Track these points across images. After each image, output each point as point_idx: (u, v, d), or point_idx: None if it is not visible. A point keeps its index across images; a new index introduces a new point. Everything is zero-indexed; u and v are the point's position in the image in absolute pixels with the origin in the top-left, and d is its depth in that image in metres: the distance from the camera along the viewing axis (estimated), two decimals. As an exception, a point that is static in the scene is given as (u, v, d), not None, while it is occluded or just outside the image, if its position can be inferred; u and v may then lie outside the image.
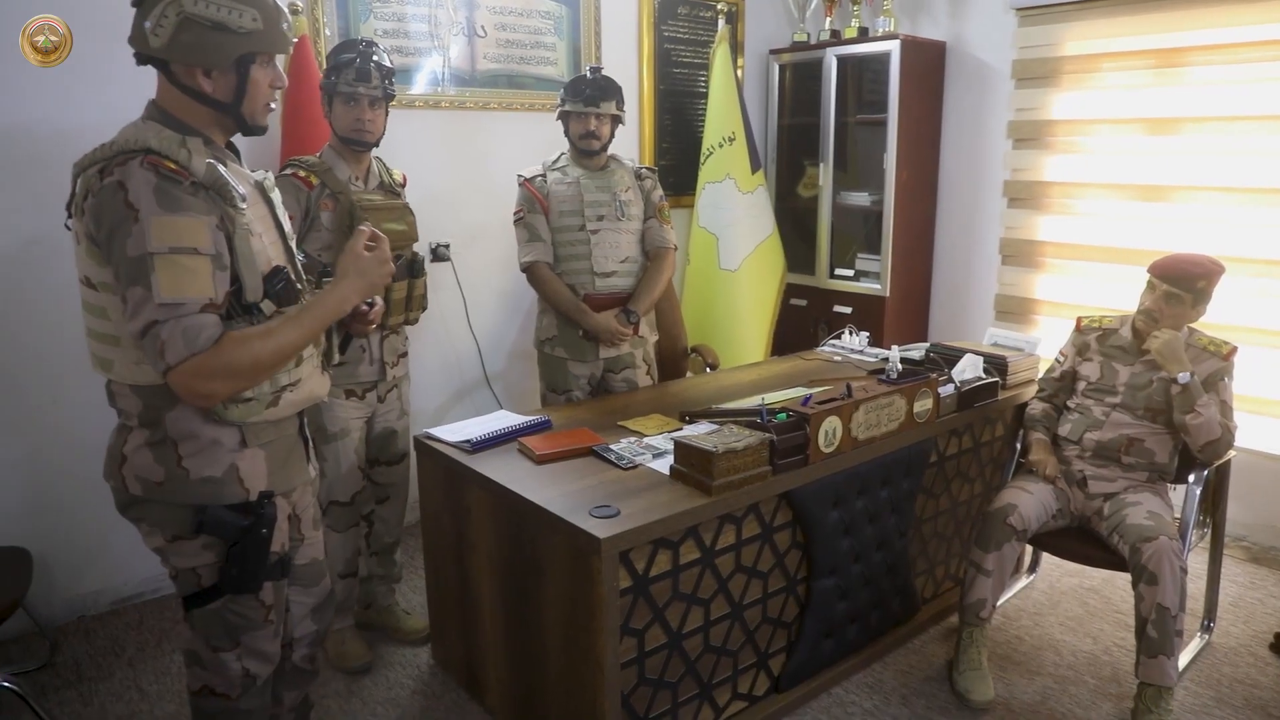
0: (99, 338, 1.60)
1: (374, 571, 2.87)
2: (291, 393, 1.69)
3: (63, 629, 2.93)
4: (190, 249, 1.48)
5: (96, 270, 1.54)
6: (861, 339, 3.46)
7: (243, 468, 1.65)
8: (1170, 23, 3.53)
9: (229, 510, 1.64)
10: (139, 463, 1.62)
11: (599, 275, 2.98)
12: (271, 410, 1.65)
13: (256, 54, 1.60)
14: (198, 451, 1.61)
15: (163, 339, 1.46)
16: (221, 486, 1.63)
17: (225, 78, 1.59)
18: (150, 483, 1.61)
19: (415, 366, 3.55)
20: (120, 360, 1.58)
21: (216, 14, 1.52)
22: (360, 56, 2.51)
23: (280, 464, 1.73)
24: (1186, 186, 3.58)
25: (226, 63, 1.57)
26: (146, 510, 1.65)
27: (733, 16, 4.40)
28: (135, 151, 1.50)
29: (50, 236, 2.76)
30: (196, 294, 1.48)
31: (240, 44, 1.56)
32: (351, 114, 2.52)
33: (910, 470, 2.60)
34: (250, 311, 1.59)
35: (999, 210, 4.16)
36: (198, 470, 1.61)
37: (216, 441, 1.62)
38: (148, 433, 1.61)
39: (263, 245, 1.64)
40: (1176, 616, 2.33)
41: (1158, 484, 2.64)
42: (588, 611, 1.95)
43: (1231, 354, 2.58)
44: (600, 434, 2.45)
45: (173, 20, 1.51)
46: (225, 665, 1.74)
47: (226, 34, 1.54)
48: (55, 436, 2.88)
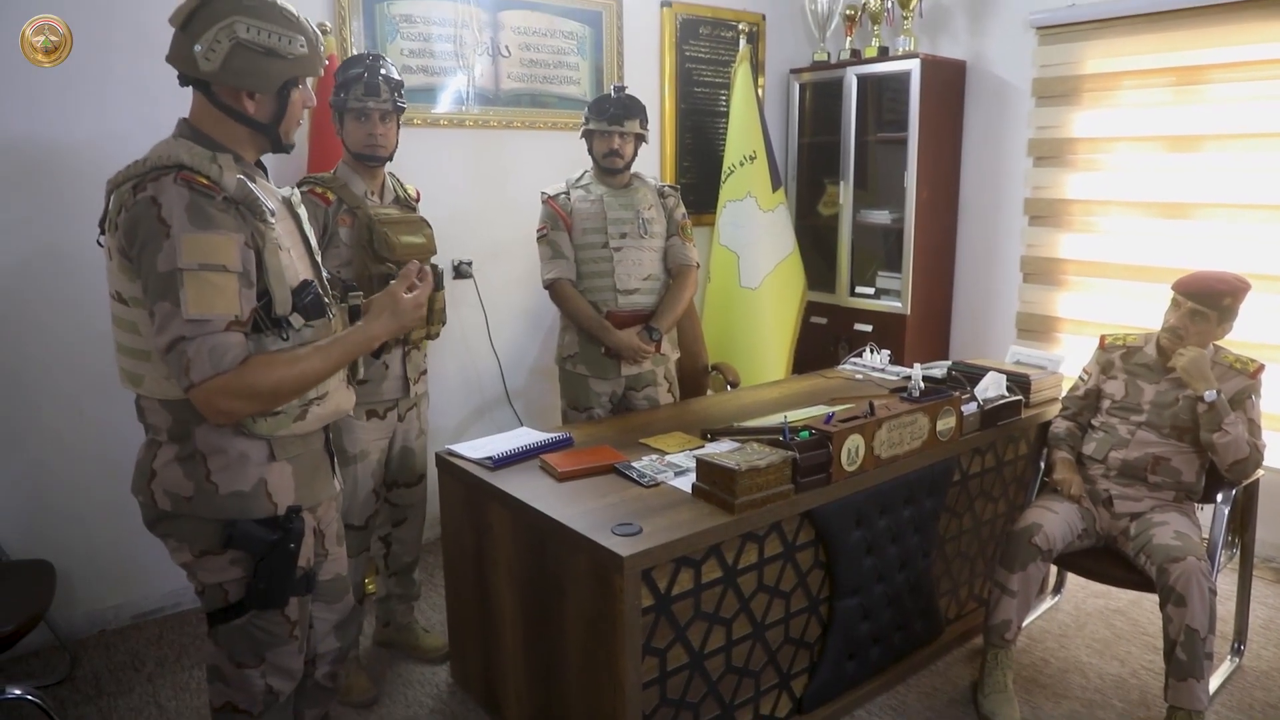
0: (129, 353, 1.61)
1: (392, 591, 2.87)
2: (319, 406, 1.70)
3: (83, 643, 2.95)
4: (220, 266, 1.49)
5: (128, 285, 1.56)
6: (883, 357, 3.45)
7: (271, 481, 1.66)
8: (1189, 41, 3.52)
9: (258, 525, 1.65)
10: (168, 477, 1.63)
11: (621, 292, 2.99)
12: (299, 424, 1.67)
13: (299, 78, 1.64)
14: (226, 466, 1.62)
15: (189, 356, 1.47)
16: (250, 500, 1.64)
17: (268, 100, 1.63)
18: (180, 497, 1.62)
19: (436, 383, 3.57)
20: (150, 375, 1.60)
21: (269, 40, 1.57)
22: (368, 70, 2.48)
23: (307, 478, 1.74)
24: (1208, 204, 3.56)
25: (275, 87, 1.61)
26: (175, 526, 1.66)
27: (753, 36, 4.42)
28: (169, 168, 1.52)
29: (62, 249, 2.80)
30: (224, 311, 1.50)
31: (289, 69, 1.61)
32: (363, 129, 2.51)
33: (933, 489, 2.59)
34: (279, 324, 1.60)
35: (1020, 228, 4.15)
36: (227, 485, 1.62)
37: (245, 455, 1.63)
38: (177, 448, 1.62)
39: (291, 260, 1.66)
40: (1206, 639, 2.29)
41: (1185, 503, 2.60)
42: (609, 630, 1.94)
43: (1259, 372, 2.55)
44: (622, 451, 2.45)
45: (225, 46, 1.55)
46: (249, 681, 1.74)
47: (276, 59, 1.59)
48: (77, 451, 2.91)
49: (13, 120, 2.69)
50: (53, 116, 2.74)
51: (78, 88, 2.76)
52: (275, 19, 1.58)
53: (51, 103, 2.74)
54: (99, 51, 2.76)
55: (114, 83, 2.80)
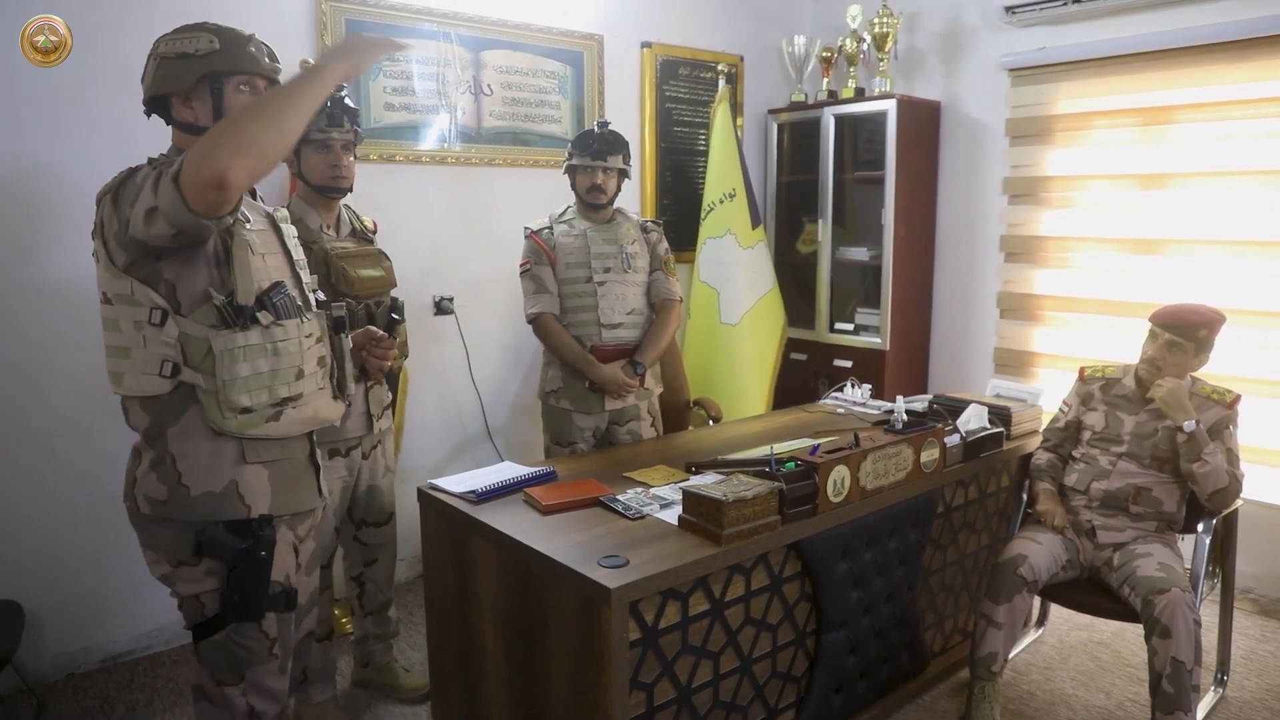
0: (113, 352, 1.69)
1: (369, 630, 2.81)
2: (294, 409, 1.74)
3: (51, 687, 2.86)
4: None
5: (112, 282, 1.65)
6: (864, 391, 3.47)
7: (243, 483, 1.71)
8: (1156, 82, 3.62)
9: (227, 531, 1.69)
10: (146, 483, 1.70)
11: (605, 327, 2.99)
12: (272, 425, 1.71)
13: (222, 74, 1.70)
14: (196, 468, 1.68)
15: (164, 171, 1.53)
16: (221, 501, 1.69)
17: (201, 101, 1.72)
18: (157, 501, 1.69)
19: (416, 419, 3.55)
20: (130, 372, 1.68)
21: (179, 47, 1.70)
22: (331, 101, 2.45)
23: (287, 486, 1.77)
24: (1179, 240, 3.64)
25: (191, 82, 1.70)
26: (153, 533, 1.72)
27: (732, 77, 4.49)
28: None
29: (33, 286, 2.77)
30: None
31: (201, 65, 1.69)
32: (326, 160, 2.48)
33: (918, 521, 2.59)
34: (243, 315, 1.67)
35: (996, 264, 4.21)
36: (198, 486, 1.68)
37: (215, 455, 1.68)
38: (152, 452, 1.69)
39: (264, 265, 1.73)
40: (1192, 671, 2.29)
41: (1167, 534, 2.62)
42: (597, 665, 1.91)
43: (1235, 402, 2.58)
44: (606, 485, 2.43)
45: (153, 65, 1.73)
46: (231, 701, 1.76)
47: (187, 59, 1.70)
48: (46, 492, 2.85)
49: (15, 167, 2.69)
50: (24, 154, 2.72)
51: (59, 124, 2.76)
52: (185, 30, 1.72)
53: (32, 137, 2.72)
54: (82, 88, 2.76)
55: (96, 122, 2.80)
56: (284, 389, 1.72)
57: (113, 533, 1.90)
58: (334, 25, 3.20)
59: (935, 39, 4.30)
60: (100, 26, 2.77)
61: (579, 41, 3.90)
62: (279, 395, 1.71)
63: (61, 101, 2.75)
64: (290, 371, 1.73)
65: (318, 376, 1.81)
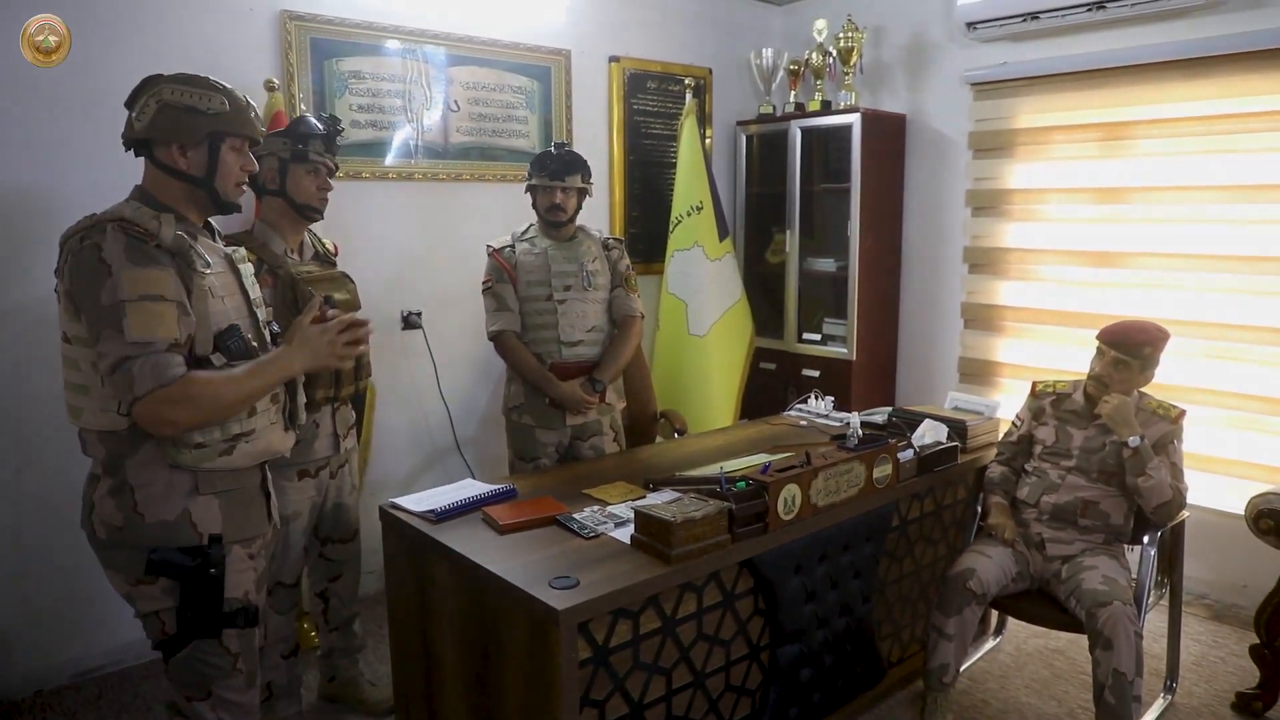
0: (73, 388, 1.75)
1: (335, 645, 2.84)
2: (247, 443, 1.81)
3: (17, 704, 2.87)
4: (158, 296, 1.65)
5: (71, 325, 1.71)
6: (827, 403, 3.52)
7: (195, 513, 1.77)
8: (1115, 99, 3.69)
9: (178, 551, 1.75)
10: (104, 509, 1.76)
11: (565, 344, 3.04)
12: (225, 459, 1.78)
13: (225, 134, 1.79)
14: (152, 497, 1.74)
15: (133, 373, 1.61)
16: (174, 529, 1.75)
17: (198, 154, 1.78)
18: (113, 527, 1.75)
19: (384, 433, 3.58)
20: (89, 408, 1.73)
21: (188, 99, 1.77)
22: (329, 126, 2.57)
23: (237, 514, 1.83)
24: (1136, 253, 3.71)
25: (198, 138, 1.76)
26: (111, 556, 1.78)
27: (700, 90, 4.54)
28: (111, 220, 1.69)
29: (11, 302, 2.80)
30: (164, 335, 1.65)
31: (209, 124, 1.78)
32: (315, 183, 2.53)
33: (872, 534, 2.64)
34: (201, 363, 1.73)
35: (960, 275, 4.28)
36: (152, 514, 1.74)
37: (170, 486, 1.75)
38: (110, 480, 1.75)
39: (224, 307, 1.80)
40: (1134, 682, 2.35)
41: (1114, 546, 2.68)
42: (547, 683, 1.95)
43: (1180, 417, 2.65)
44: (564, 503, 2.47)
45: (153, 107, 1.76)
46: (201, 716, 1.84)
47: (197, 115, 1.77)
48: (15, 508, 2.87)
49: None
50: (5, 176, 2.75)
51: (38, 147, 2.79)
52: (196, 84, 1.78)
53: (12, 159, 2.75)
54: (60, 113, 2.79)
55: (70, 145, 2.82)
56: (236, 426, 1.78)
57: (81, 549, 1.92)
58: (299, 43, 3.23)
59: (900, 53, 4.36)
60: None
61: (546, 56, 3.93)
62: (231, 432, 1.77)
63: (54, 113, 2.77)
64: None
65: (270, 412, 1.87)
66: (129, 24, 2.89)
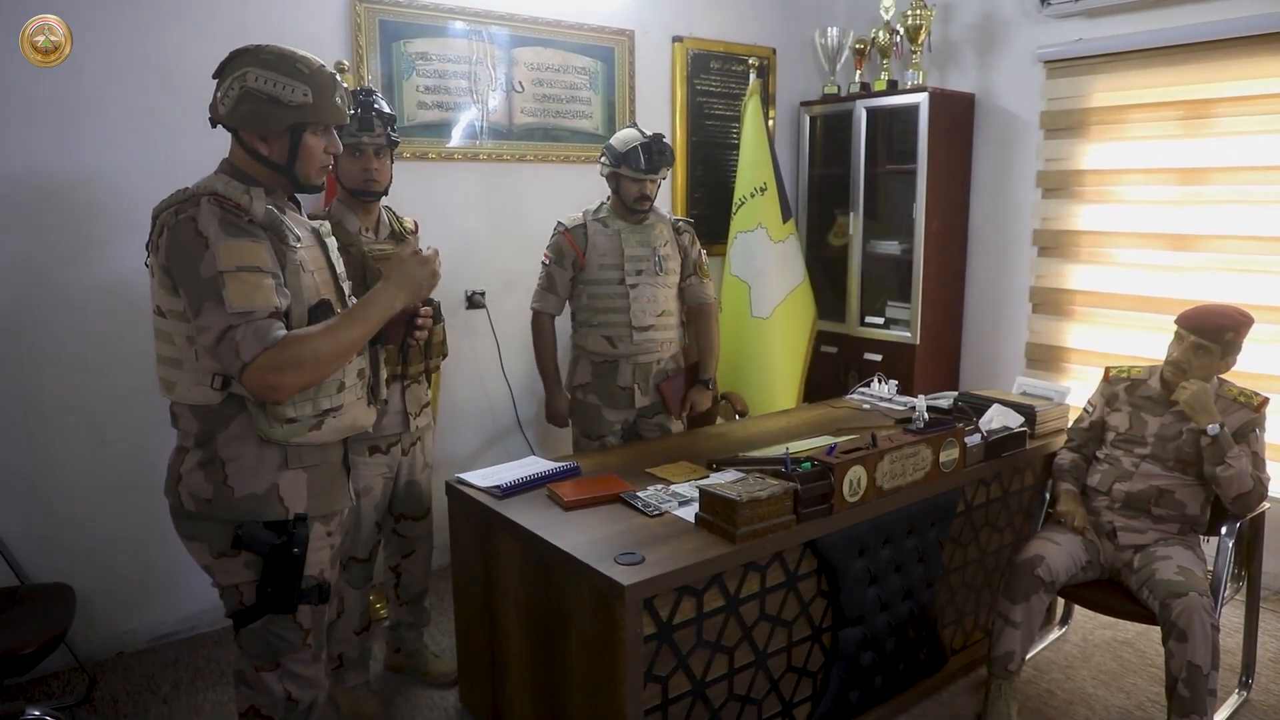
0: (166, 362, 1.77)
1: (403, 619, 2.91)
2: (334, 418, 1.82)
3: (101, 665, 3.00)
4: (254, 267, 1.67)
5: (167, 299, 1.73)
6: (890, 387, 3.48)
7: (283, 487, 1.79)
8: (1196, 75, 3.55)
9: (264, 528, 1.77)
10: (192, 481, 1.77)
11: (636, 329, 3.03)
12: (315, 434, 1.79)
13: (308, 124, 1.77)
14: (242, 470, 1.75)
15: (238, 340, 1.62)
16: (263, 503, 1.77)
17: (279, 143, 1.78)
18: (201, 499, 1.77)
19: (449, 412, 3.63)
20: (182, 382, 1.76)
21: (271, 89, 1.73)
22: (361, 106, 2.49)
23: (322, 489, 1.86)
24: (1215, 236, 3.58)
25: (278, 131, 1.75)
26: (196, 527, 1.80)
27: (764, 70, 4.49)
28: (204, 194, 1.70)
29: (101, 280, 2.89)
30: (263, 303, 1.66)
31: (290, 115, 1.75)
32: (358, 165, 2.52)
33: (937, 519, 2.61)
34: None
35: (1029, 259, 4.18)
36: (242, 488, 1.76)
37: (260, 460, 1.76)
38: (201, 453, 1.77)
39: (314, 281, 1.81)
40: (1209, 675, 2.29)
41: (1189, 536, 2.61)
42: (611, 658, 1.97)
43: (1263, 405, 2.56)
44: (628, 481, 2.49)
45: (236, 92, 1.74)
46: (268, 686, 1.87)
47: (278, 106, 1.74)
48: (98, 477, 2.98)
49: (9, 158, 2.74)
50: (50, 153, 2.79)
51: (75, 121, 2.83)
52: (283, 70, 1.74)
53: (48, 137, 2.79)
54: (101, 86, 2.83)
55: (113, 117, 2.88)
56: (326, 401, 1.79)
57: (159, 518, 1.99)
58: (368, 25, 3.27)
59: (969, 31, 4.26)
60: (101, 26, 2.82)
61: (610, 37, 3.93)
62: (321, 407, 1.79)
63: (70, 101, 2.81)
64: (333, 385, 1.80)
65: (357, 388, 1.89)
66: (203, 8, 2.95)
